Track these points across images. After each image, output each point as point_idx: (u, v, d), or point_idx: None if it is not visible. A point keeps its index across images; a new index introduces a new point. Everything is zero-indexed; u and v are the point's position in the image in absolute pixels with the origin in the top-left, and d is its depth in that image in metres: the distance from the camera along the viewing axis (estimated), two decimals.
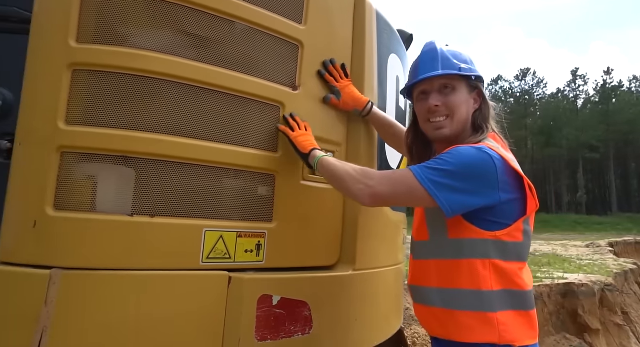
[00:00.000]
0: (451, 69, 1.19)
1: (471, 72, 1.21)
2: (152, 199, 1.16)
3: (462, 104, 1.19)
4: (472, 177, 1.06)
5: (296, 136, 1.32)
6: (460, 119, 1.19)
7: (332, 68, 1.48)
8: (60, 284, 1.04)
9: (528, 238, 1.14)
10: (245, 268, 1.29)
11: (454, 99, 1.19)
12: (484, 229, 1.09)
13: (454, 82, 1.20)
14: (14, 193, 1.11)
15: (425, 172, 1.08)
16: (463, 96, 1.20)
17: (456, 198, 1.06)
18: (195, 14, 1.24)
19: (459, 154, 1.08)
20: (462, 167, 1.06)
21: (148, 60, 1.17)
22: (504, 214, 1.09)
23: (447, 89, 1.20)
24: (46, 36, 1.14)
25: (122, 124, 1.14)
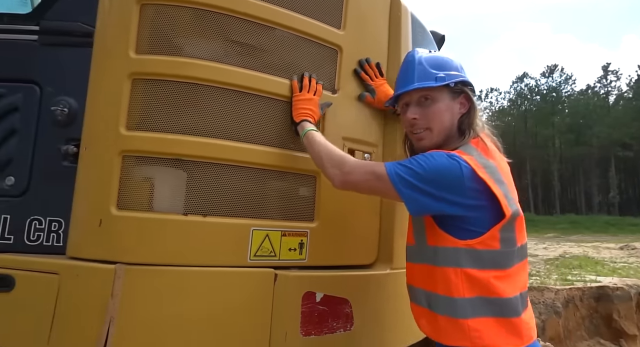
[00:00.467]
0: (427, 80, 1.20)
1: (451, 79, 1.20)
2: (203, 199, 1.23)
3: (443, 114, 1.20)
4: (438, 182, 1.08)
5: (297, 99, 1.34)
6: (441, 130, 1.21)
7: (367, 67, 1.52)
8: (124, 278, 1.12)
9: (509, 245, 1.12)
10: (289, 266, 1.34)
11: (433, 111, 1.20)
12: (457, 238, 1.10)
13: (432, 92, 1.20)
14: (80, 194, 1.20)
15: (397, 167, 1.12)
16: (443, 105, 1.20)
17: (419, 198, 1.10)
18: (240, 23, 1.30)
19: (431, 158, 1.11)
20: (430, 171, 1.09)
21: (198, 67, 1.24)
22: (476, 222, 1.10)
23: (427, 100, 1.21)
24: (108, 49, 1.23)
25: (176, 128, 1.21)
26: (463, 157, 1.10)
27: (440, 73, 1.20)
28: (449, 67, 1.23)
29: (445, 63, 1.24)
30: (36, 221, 1.27)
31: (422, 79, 1.20)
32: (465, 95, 1.22)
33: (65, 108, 1.31)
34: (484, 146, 1.19)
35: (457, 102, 1.21)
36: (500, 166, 1.16)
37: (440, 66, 1.22)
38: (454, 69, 1.23)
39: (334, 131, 1.43)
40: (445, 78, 1.19)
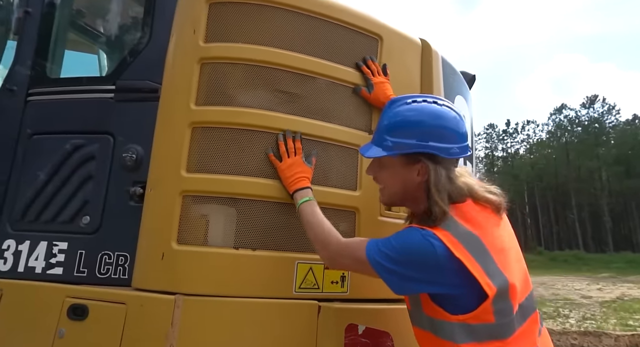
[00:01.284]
0: (378, 144, 1.17)
1: (399, 149, 1.13)
2: (253, 234, 1.34)
3: (389, 179, 1.20)
4: (413, 264, 1.06)
5: (283, 169, 1.35)
6: (390, 193, 1.22)
7: (370, 62, 1.54)
8: (183, 308, 1.23)
9: (505, 315, 1.04)
10: (332, 298, 1.40)
11: (381, 175, 1.22)
12: (449, 313, 1.06)
13: (383, 158, 1.18)
14: (146, 230, 1.35)
15: (375, 252, 1.10)
16: (391, 171, 1.18)
17: (399, 282, 1.08)
18: (285, 74, 1.46)
19: (403, 239, 1.09)
20: (404, 253, 1.07)
21: (248, 115, 1.40)
22: (463, 298, 1.04)
23: (378, 163, 1.22)
24: (172, 102, 1.41)
25: (229, 169, 1.35)
26: (437, 235, 1.05)
27: (389, 140, 1.15)
28: (406, 132, 1.13)
29: (406, 126, 1.14)
30: (106, 255, 1.42)
31: (376, 142, 1.19)
32: (423, 164, 1.12)
33: (133, 154, 1.49)
34: (467, 211, 1.12)
35: (413, 169, 1.14)
36: (485, 233, 1.09)
37: (396, 131, 1.15)
38: (413, 134, 1.12)
39: None
40: (392, 147, 1.14)
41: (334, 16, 1.53)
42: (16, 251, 1.48)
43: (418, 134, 1.12)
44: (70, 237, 1.46)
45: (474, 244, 1.06)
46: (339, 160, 1.50)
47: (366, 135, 1.55)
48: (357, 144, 1.52)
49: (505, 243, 1.12)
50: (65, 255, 1.45)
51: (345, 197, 1.47)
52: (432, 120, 1.13)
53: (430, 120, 1.13)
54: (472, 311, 1.03)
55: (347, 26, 1.56)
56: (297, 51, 1.47)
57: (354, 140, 1.52)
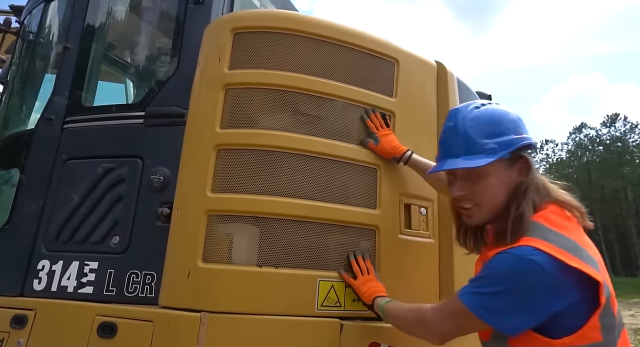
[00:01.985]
0: (475, 154, 1.03)
1: (505, 148, 1.01)
2: (275, 252, 1.36)
3: (495, 188, 1.05)
4: (522, 293, 0.91)
5: (359, 286, 1.36)
6: (492, 206, 1.06)
7: (372, 116, 1.56)
8: (208, 325, 1.25)
9: (610, 332, 0.94)
10: (354, 316, 1.40)
11: (481, 187, 1.05)
12: (551, 338, 0.92)
13: (481, 168, 1.03)
14: (172, 249, 1.39)
15: (474, 299, 0.96)
16: (496, 180, 1.04)
17: (514, 319, 0.93)
18: (306, 97, 1.52)
19: (501, 269, 0.94)
20: (508, 284, 0.92)
21: (270, 137, 1.46)
22: (571, 316, 0.92)
23: (475, 174, 1.05)
24: (198, 125, 1.49)
25: (253, 189, 1.40)
26: (539, 248, 0.91)
27: (490, 143, 1.02)
28: (501, 129, 1.04)
29: (498, 124, 1.05)
30: (134, 274, 1.47)
31: (469, 152, 1.04)
32: (524, 160, 1.03)
33: (161, 176, 1.56)
34: (554, 218, 1.00)
35: (515, 169, 1.04)
36: (580, 239, 0.98)
37: (492, 132, 1.03)
38: (508, 129, 1.04)
39: (391, 188, 1.55)
40: (497, 149, 1.01)
41: (351, 42, 1.60)
42: (50, 271, 1.54)
43: (509, 126, 1.05)
44: (101, 256, 1.52)
45: (578, 251, 0.93)
46: (357, 179, 1.53)
47: None
48: (374, 163, 1.56)
49: (594, 247, 1.02)
50: (95, 274, 1.50)
51: (365, 215, 1.49)
52: (512, 115, 1.08)
53: (510, 115, 1.08)
54: (579, 329, 0.91)
55: (365, 51, 1.63)
56: (316, 75, 1.54)
57: (371, 159, 1.55)
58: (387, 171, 1.56)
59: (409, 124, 1.66)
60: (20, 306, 1.51)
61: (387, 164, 1.57)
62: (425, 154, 1.69)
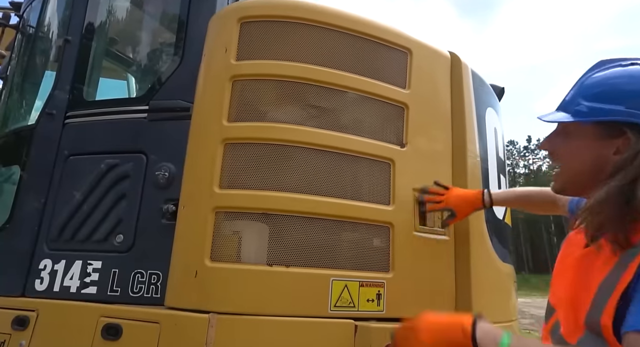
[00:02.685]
0: (566, 110, 0.93)
1: (595, 115, 0.87)
2: (286, 250, 1.31)
3: (580, 155, 0.91)
4: None
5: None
6: (573, 173, 0.93)
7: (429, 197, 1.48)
8: (217, 327, 1.19)
9: None
10: (368, 317, 1.34)
11: (563, 149, 0.95)
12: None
13: (570, 125, 0.92)
14: (179, 248, 1.34)
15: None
16: (580, 143, 0.91)
17: None
18: (316, 89, 1.46)
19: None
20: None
21: (280, 130, 1.40)
22: None
23: (562, 133, 0.96)
24: (205, 119, 1.43)
25: (262, 185, 1.34)
26: None
27: (584, 105, 0.90)
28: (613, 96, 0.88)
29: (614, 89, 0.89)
30: (139, 274, 1.42)
31: (564, 108, 0.94)
32: (626, 138, 0.85)
33: (166, 172, 1.50)
34: None
35: (611, 144, 0.87)
36: None
37: (598, 94, 0.90)
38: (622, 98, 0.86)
39: (405, 183, 1.49)
40: (584, 113, 0.89)
41: (363, 31, 1.54)
42: (52, 271, 1.49)
43: (630, 102, 0.85)
44: (104, 255, 1.47)
45: None
46: (370, 174, 1.47)
47: (398, 148, 1.52)
48: (388, 158, 1.49)
49: None
50: (99, 274, 1.45)
51: (378, 211, 1.43)
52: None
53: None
54: None
55: (377, 40, 1.56)
56: (326, 66, 1.47)
57: (384, 153, 1.49)
58: (401, 166, 1.49)
59: (422, 117, 1.60)
60: (22, 307, 1.46)
61: (401, 158, 1.51)
62: (440, 147, 1.63)
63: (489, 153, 1.78)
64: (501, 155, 1.95)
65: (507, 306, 1.80)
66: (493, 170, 1.79)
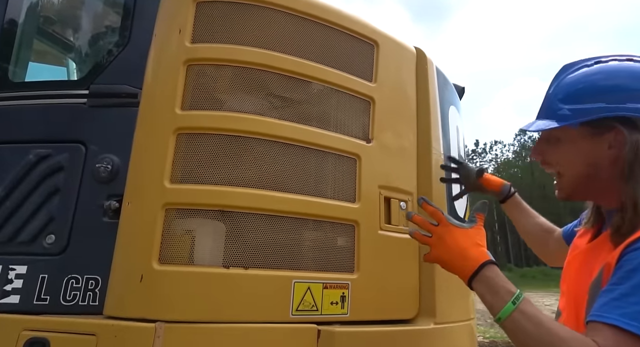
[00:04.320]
0: (549, 118, 0.92)
1: (580, 116, 0.87)
2: (244, 251, 1.20)
3: (573, 158, 0.91)
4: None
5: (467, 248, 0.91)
6: (574, 177, 0.91)
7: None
8: (164, 337, 1.06)
9: None
10: (331, 321, 1.27)
11: (558, 154, 0.94)
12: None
13: (557, 131, 0.91)
14: (122, 249, 1.18)
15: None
16: (571, 147, 0.90)
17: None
18: (278, 78, 1.37)
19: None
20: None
21: (239, 120, 1.29)
22: None
23: (552, 139, 0.95)
24: (155, 107, 1.28)
25: (219, 179, 1.22)
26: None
27: (565, 108, 0.90)
28: (589, 95, 0.89)
29: (588, 88, 0.90)
30: (73, 279, 1.24)
31: (545, 115, 0.94)
32: (617, 131, 0.85)
33: (108, 165, 1.33)
34: None
35: (603, 141, 0.87)
36: None
37: (573, 95, 0.90)
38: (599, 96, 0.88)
39: (371, 180, 1.44)
40: (568, 117, 0.88)
41: (329, 19, 1.46)
42: None
43: (608, 97, 0.86)
44: (31, 259, 1.27)
45: None
46: (335, 169, 1.40)
47: (364, 143, 1.46)
48: (354, 153, 1.43)
49: None
50: (23, 280, 1.25)
51: (343, 209, 1.36)
52: (630, 82, 0.87)
53: (623, 79, 0.88)
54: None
55: (343, 30, 1.49)
56: (290, 54, 1.38)
57: (350, 148, 1.42)
58: (367, 162, 1.44)
59: (388, 112, 1.55)
60: None
61: (367, 153, 1.45)
62: (406, 143, 1.59)
63: (452, 151, 1.78)
64: (462, 153, 1.96)
65: (467, 304, 1.80)
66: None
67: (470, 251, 0.87)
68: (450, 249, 0.91)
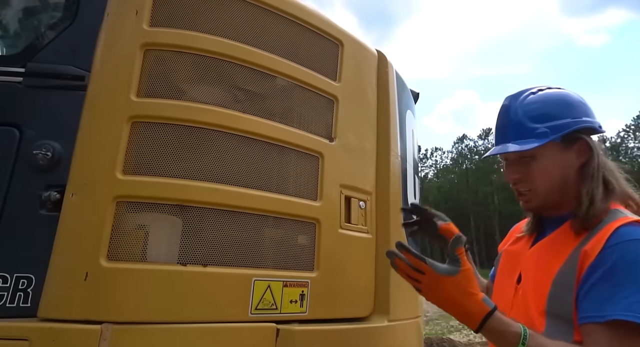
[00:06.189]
0: (525, 138, 1.00)
1: (557, 131, 0.97)
2: (203, 248, 1.15)
3: (548, 172, 0.99)
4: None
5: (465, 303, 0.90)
6: (548, 189, 1.00)
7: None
8: (111, 340, 0.98)
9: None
10: (290, 320, 1.25)
11: (535, 171, 1.00)
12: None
13: (532, 151, 0.99)
14: (63, 245, 1.07)
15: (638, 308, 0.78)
16: (549, 162, 0.99)
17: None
18: (242, 70, 1.32)
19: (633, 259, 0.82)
20: None
21: (200, 111, 1.23)
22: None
23: (525, 158, 1.01)
24: (107, 92, 1.18)
25: (176, 172, 1.16)
26: None
27: (541, 127, 0.99)
28: (556, 113, 1.00)
29: (551, 108, 1.01)
30: (1, 278, 1.10)
31: (518, 137, 1.01)
32: (582, 142, 0.98)
33: (48, 152, 1.20)
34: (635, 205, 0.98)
35: (572, 151, 0.99)
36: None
37: (544, 115, 1.00)
38: (563, 113, 1.00)
39: (333, 179, 1.44)
40: (548, 133, 0.98)
41: (296, 15, 1.45)
42: None
43: (568, 112, 1.01)
44: None
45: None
46: (298, 167, 1.38)
47: (327, 142, 1.46)
48: (317, 151, 1.43)
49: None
50: None
51: (305, 207, 1.35)
52: (572, 99, 1.04)
53: (570, 99, 1.04)
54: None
55: (309, 27, 1.48)
56: (256, 47, 1.35)
57: (314, 146, 1.42)
58: (330, 160, 1.44)
59: (351, 112, 1.57)
60: None
61: (330, 152, 1.45)
62: (366, 144, 1.62)
63: (408, 154, 1.84)
64: (416, 157, 2.03)
65: (416, 302, 1.87)
66: (410, 171, 1.85)
67: (466, 306, 0.87)
68: (445, 300, 0.90)
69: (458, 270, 0.88)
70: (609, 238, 0.86)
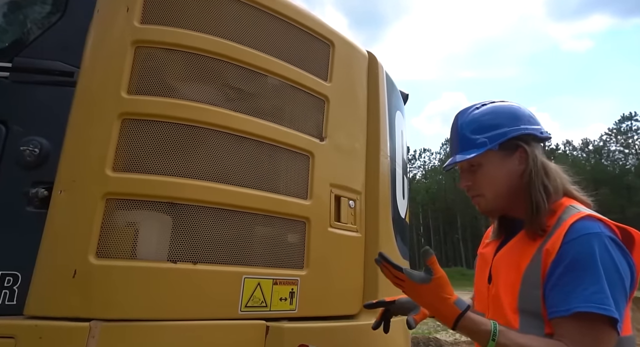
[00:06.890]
0: (468, 149, 1.09)
1: (494, 141, 1.06)
2: (193, 245, 1.15)
3: (494, 177, 1.08)
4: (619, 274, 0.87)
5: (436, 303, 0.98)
6: (496, 194, 1.08)
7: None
8: (100, 338, 0.98)
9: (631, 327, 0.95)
10: (280, 317, 1.26)
11: (481, 178, 1.09)
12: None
13: (478, 158, 1.08)
14: (51, 242, 1.06)
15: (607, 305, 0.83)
16: (492, 169, 1.08)
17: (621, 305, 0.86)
18: (233, 68, 1.33)
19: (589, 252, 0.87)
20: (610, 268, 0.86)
21: (191, 109, 1.23)
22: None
23: (474, 166, 1.10)
24: (97, 88, 1.18)
25: (166, 170, 1.16)
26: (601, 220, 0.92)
27: (481, 138, 1.08)
28: (494, 124, 1.09)
29: (490, 120, 1.10)
30: None
31: (464, 148, 1.11)
32: (522, 149, 1.06)
33: (36, 148, 1.19)
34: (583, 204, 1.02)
35: (514, 158, 1.07)
36: None
37: (484, 127, 1.09)
38: (502, 123, 1.09)
39: (323, 178, 1.45)
40: (486, 143, 1.07)
41: (288, 15, 1.46)
42: None
43: (506, 122, 1.09)
44: None
45: None
46: (289, 165, 1.39)
47: (317, 141, 1.47)
48: (307, 150, 1.44)
49: None
50: None
51: (296, 205, 1.36)
52: (513, 109, 1.12)
53: (510, 110, 1.12)
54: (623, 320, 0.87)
55: (301, 27, 1.50)
56: (247, 45, 1.35)
57: (304, 145, 1.43)
58: (320, 159, 1.45)
59: (341, 112, 1.58)
60: None
61: (320, 151, 1.47)
62: (356, 144, 1.64)
63: (397, 154, 1.86)
64: (405, 157, 2.06)
65: None
66: (399, 171, 1.87)
67: (441, 309, 0.96)
68: (424, 303, 1.01)
69: (431, 278, 0.97)
70: (566, 234, 0.91)
